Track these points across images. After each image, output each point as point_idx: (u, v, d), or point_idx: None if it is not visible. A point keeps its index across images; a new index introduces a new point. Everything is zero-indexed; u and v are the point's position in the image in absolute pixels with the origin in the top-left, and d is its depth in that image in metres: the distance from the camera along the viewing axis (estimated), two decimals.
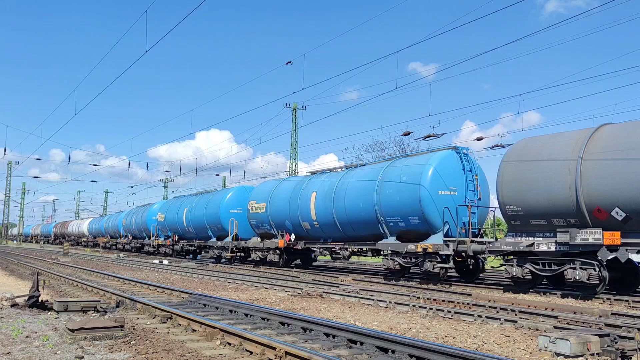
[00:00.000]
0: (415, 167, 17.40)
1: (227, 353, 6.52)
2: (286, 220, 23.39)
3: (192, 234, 33.29)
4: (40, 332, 7.77)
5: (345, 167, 22.30)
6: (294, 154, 44.35)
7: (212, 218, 29.72)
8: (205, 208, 30.66)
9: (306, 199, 22.06)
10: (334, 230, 20.72)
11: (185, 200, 35.58)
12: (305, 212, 22.06)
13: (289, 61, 22.34)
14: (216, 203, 29.69)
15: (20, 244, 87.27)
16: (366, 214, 18.86)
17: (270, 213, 24.41)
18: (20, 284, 16.19)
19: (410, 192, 17.07)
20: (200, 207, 31.62)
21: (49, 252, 45.41)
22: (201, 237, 32.31)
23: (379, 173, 18.75)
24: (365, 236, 19.58)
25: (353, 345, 7.06)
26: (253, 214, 25.83)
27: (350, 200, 19.61)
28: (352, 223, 19.75)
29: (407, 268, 17.93)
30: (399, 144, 41.31)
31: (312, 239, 22.56)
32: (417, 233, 17.25)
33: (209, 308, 10.70)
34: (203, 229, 31.17)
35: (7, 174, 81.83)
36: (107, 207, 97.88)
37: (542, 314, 9.84)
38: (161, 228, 38.59)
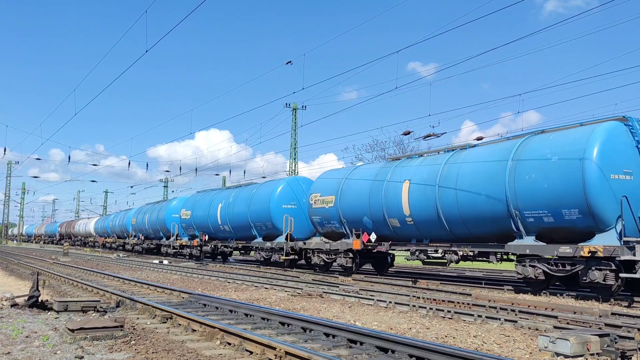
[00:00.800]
0: (574, 144, 13.24)
1: (227, 353, 6.52)
2: (364, 217, 19.22)
3: (229, 233, 28.96)
4: (40, 332, 7.77)
5: (447, 149, 17.85)
6: (293, 153, 44.37)
7: (259, 215, 25.51)
8: (249, 203, 26.34)
9: (395, 189, 17.85)
10: (436, 227, 16.56)
11: (217, 195, 31.12)
12: (394, 205, 17.78)
13: (289, 61, 22.37)
14: (264, 197, 25.42)
15: (20, 244, 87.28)
16: (490, 207, 14.71)
17: (341, 208, 20.24)
18: (20, 284, 16.19)
19: (567, 175, 12.95)
20: (241, 202, 27.25)
21: (49, 252, 45.41)
22: (241, 236, 28.16)
23: (511, 151, 14.55)
24: (483, 235, 15.46)
25: (353, 345, 7.06)
26: (317, 210, 21.63)
27: (465, 189, 15.36)
28: (466, 219, 15.54)
29: (553, 278, 14.05)
30: (398, 144, 41.37)
31: (399, 239, 18.38)
32: (569, 231, 13.26)
33: (209, 308, 10.70)
34: (245, 227, 26.97)
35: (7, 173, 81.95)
36: (107, 207, 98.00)
37: (542, 314, 9.84)
38: (185, 227, 34.44)
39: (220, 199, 29.91)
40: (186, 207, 34.52)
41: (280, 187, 25.02)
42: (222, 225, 29.33)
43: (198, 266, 26.81)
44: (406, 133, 23.37)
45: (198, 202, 33.17)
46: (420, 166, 17.58)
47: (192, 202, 34.08)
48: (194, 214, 33.02)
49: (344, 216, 20.22)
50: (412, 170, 17.72)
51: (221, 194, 30.66)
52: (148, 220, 41.24)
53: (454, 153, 16.94)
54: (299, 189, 24.98)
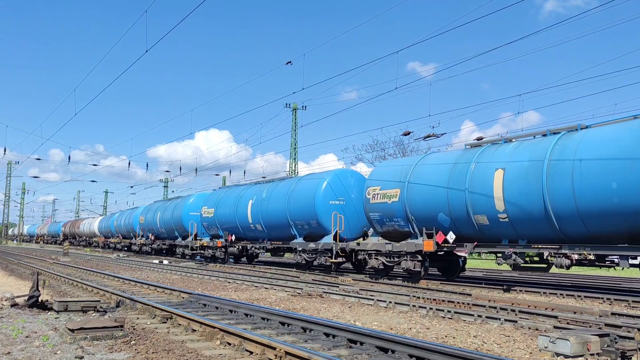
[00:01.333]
0: None
1: (227, 353, 6.52)
2: (440, 213, 16.41)
3: (261, 232, 25.97)
4: (40, 332, 7.77)
5: (550, 132, 14.92)
6: (293, 153, 44.37)
7: (302, 212, 22.53)
8: (288, 200, 23.31)
9: (484, 179, 15.08)
10: (539, 225, 13.94)
11: (246, 191, 27.86)
12: (481, 200, 15.06)
13: (289, 61, 22.23)
14: (308, 192, 22.37)
15: (20, 243, 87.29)
16: (622, 200, 12.11)
17: (408, 203, 17.40)
18: (20, 284, 16.19)
19: None
20: (278, 198, 24.23)
21: (49, 252, 45.41)
22: (276, 236, 25.21)
23: None
24: (606, 235, 12.88)
25: (353, 345, 7.06)
26: (375, 206, 18.80)
27: (586, 178, 12.78)
28: (585, 214, 12.88)
29: None
30: (398, 144, 41.33)
31: (486, 239, 15.55)
32: None
33: (209, 308, 10.70)
34: (282, 226, 23.97)
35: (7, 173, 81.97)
36: (107, 207, 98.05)
37: (542, 314, 9.84)
38: (207, 226, 31.05)
39: (250, 195, 26.75)
40: (208, 205, 31.03)
41: (327, 181, 22.03)
42: (253, 224, 26.14)
43: (198, 266, 26.80)
44: (406, 133, 23.31)
45: (223, 198, 29.72)
46: (517, 152, 14.84)
47: (215, 199, 30.64)
48: (218, 212, 29.54)
49: (412, 213, 17.33)
50: (506, 157, 14.89)
51: (251, 190, 27.38)
52: (160, 219, 37.92)
53: (562, 135, 14.25)
54: (347, 183, 22.30)
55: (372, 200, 19.10)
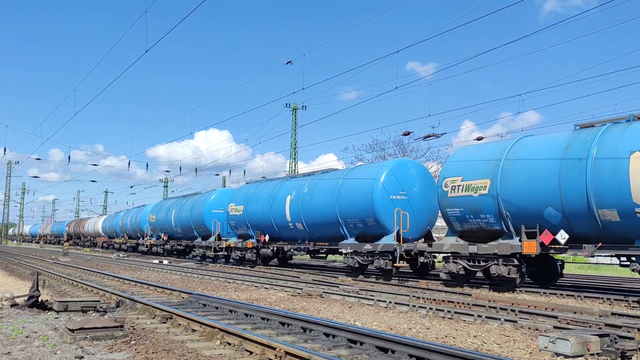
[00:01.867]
0: None
1: (227, 353, 6.52)
2: (548, 207, 13.69)
3: (301, 232, 22.67)
4: (40, 332, 7.77)
5: None
6: (293, 153, 44.38)
7: (354, 209, 19.49)
8: (337, 195, 20.20)
9: (614, 165, 12.59)
10: None
11: (282, 186, 24.55)
12: (610, 190, 12.52)
13: (289, 61, 22.21)
14: (361, 187, 19.28)
15: (20, 243, 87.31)
16: None
17: (502, 196, 14.58)
18: (20, 284, 16.19)
19: None
20: (323, 193, 21.15)
21: (49, 252, 45.42)
22: (319, 236, 21.90)
23: None
24: None
25: (353, 345, 7.06)
26: (455, 200, 15.78)
27: None
28: None
29: None
30: (398, 144, 41.27)
31: (613, 239, 12.95)
32: None
33: (209, 308, 10.70)
34: (328, 225, 20.88)
35: (7, 173, 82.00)
36: (107, 207, 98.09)
37: (542, 314, 9.84)
38: (235, 225, 27.66)
39: (288, 190, 23.59)
40: (236, 201, 27.66)
41: (386, 173, 18.86)
42: (292, 222, 22.96)
43: (198, 266, 26.80)
44: (406, 133, 23.27)
45: (254, 195, 26.42)
46: None
47: (244, 195, 27.19)
48: (248, 210, 26.27)
49: (508, 207, 14.54)
50: None
51: (289, 184, 24.22)
52: (176, 217, 34.63)
53: None
54: (409, 175, 19.27)
55: (451, 193, 15.94)
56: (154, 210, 40.32)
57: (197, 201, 32.38)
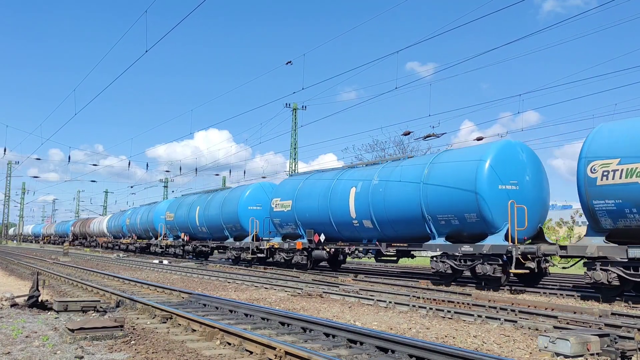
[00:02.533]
0: None
1: (227, 353, 6.52)
2: None
3: (369, 231, 19.02)
4: (40, 332, 7.77)
5: None
6: (294, 153, 44.36)
7: (448, 203, 15.80)
8: (422, 185, 16.56)
9: None
10: None
11: (342, 176, 20.73)
12: None
13: (289, 61, 22.20)
14: (457, 175, 15.71)
15: (20, 243, 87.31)
16: None
17: None
18: (20, 284, 16.19)
19: None
20: (401, 184, 17.38)
21: (49, 252, 45.41)
22: (393, 236, 18.24)
23: None
24: None
25: (353, 345, 7.06)
26: (610, 189, 12.50)
27: None
28: None
29: None
30: (399, 144, 41.31)
31: None
32: None
33: (209, 308, 10.70)
34: (410, 222, 17.14)
35: (7, 173, 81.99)
36: (106, 207, 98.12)
37: (542, 314, 9.84)
38: (280, 223, 23.73)
39: (352, 182, 19.73)
40: (281, 196, 23.75)
41: (490, 159, 15.19)
42: (356, 219, 19.18)
43: (198, 266, 26.79)
44: (406, 133, 23.31)
45: (304, 188, 22.47)
46: None
47: (290, 189, 23.37)
48: (298, 206, 22.38)
49: None
50: None
51: (351, 175, 20.33)
52: (201, 215, 30.88)
53: None
54: (518, 161, 15.63)
55: (603, 180, 12.60)
56: (171, 207, 36.59)
57: (229, 197, 28.44)
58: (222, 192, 31.07)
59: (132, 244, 44.79)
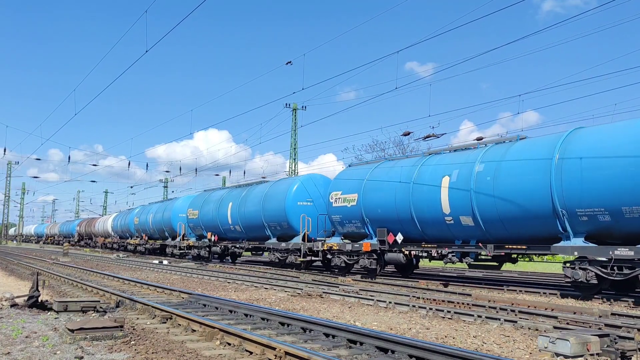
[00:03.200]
0: None
1: (227, 353, 6.52)
2: None
3: (466, 230, 15.70)
4: (40, 332, 7.76)
5: None
6: (293, 154, 44.35)
7: (601, 193, 12.39)
8: (555, 170, 13.28)
9: None
10: None
11: (429, 162, 17.25)
12: None
13: (289, 61, 22.21)
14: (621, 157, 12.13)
15: (20, 244, 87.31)
16: None
17: None
18: (20, 284, 16.18)
19: None
20: (522, 170, 14.16)
21: (49, 252, 45.40)
22: (504, 236, 14.86)
23: None
24: None
25: (353, 345, 7.06)
26: None
27: None
28: None
29: None
30: (398, 144, 41.30)
31: None
32: None
33: (209, 308, 10.70)
34: (531, 218, 13.94)
35: (7, 174, 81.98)
36: (106, 207, 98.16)
37: (542, 314, 9.84)
38: (341, 220, 20.15)
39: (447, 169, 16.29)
40: (344, 189, 20.21)
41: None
42: (450, 216, 15.84)
43: (198, 266, 26.79)
44: (406, 134, 23.30)
45: (372, 181, 18.96)
46: None
47: (356, 181, 19.89)
48: (365, 199, 18.94)
49: None
50: None
51: (449, 159, 16.75)
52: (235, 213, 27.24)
53: None
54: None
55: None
56: (194, 204, 32.93)
57: (271, 192, 24.72)
58: (260, 186, 27.20)
59: (142, 244, 41.55)
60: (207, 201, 31.22)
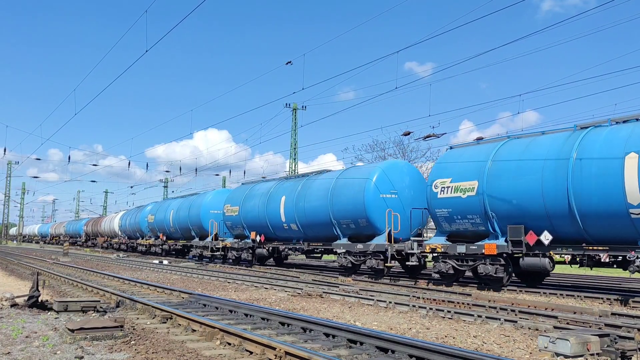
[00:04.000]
0: None
1: (227, 353, 6.52)
2: None
3: None
4: (40, 332, 7.77)
5: None
6: (293, 153, 44.35)
7: None
8: None
9: None
10: None
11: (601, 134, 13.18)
12: None
13: (289, 61, 22.22)
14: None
15: (20, 244, 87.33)
16: None
17: None
18: (20, 284, 16.18)
19: None
20: None
21: (49, 252, 45.41)
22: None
23: None
24: None
25: (353, 345, 7.06)
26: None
27: None
28: None
29: None
30: (398, 144, 41.26)
31: None
32: None
33: (209, 308, 10.70)
34: None
35: (7, 174, 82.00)
36: (107, 207, 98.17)
37: (542, 314, 9.84)
38: (451, 215, 15.99)
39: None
40: (455, 176, 15.99)
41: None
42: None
43: (198, 266, 26.79)
44: (406, 134, 23.25)
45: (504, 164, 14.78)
46: None
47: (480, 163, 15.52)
48: (489, 188, 14.82)
49: None
50: None
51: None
52: (291, 208, 22.75)
53: None
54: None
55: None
56: (233, 198, 28.09)
57: (342, 183, 20.49)
58: (324, 175, 22.56)
59: (159, 245, 36.90)
60: (250, 195, 26.42)
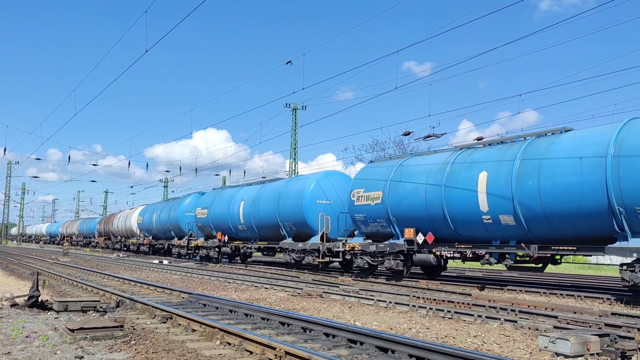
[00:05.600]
0: None
1: (227, 353, 6.52)
2: None
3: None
4: (40, 332, 7.77)
5: None
6: (293, 153, 44.34)
7: None
8: None
9: None
10: None
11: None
12: None
13: (289, 61, 22.21)
14: None
15: (20, 243, 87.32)
16: None
17: None
18: (20, 284, 16.18)
19: None
20: None
21: (49, 252, 45.40)
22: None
23: None
24: None
25: (353, 345, 7.06)
26: None
27: None
28: None
29: None
30: (399, 144, 41.29)
31: None
32: None
33: (209, 308, 10.70)
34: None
35: (7, 173, 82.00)
36: (107, 207, 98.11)
37: (542, 314, 9.84)
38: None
39: None
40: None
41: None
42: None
43: (198, 266, 26.78)
44: (406, 134, 23.34)
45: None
46: None
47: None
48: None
49: None
50: None
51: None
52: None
53: None
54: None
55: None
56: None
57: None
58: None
59: (213, 247, 29.53)
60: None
